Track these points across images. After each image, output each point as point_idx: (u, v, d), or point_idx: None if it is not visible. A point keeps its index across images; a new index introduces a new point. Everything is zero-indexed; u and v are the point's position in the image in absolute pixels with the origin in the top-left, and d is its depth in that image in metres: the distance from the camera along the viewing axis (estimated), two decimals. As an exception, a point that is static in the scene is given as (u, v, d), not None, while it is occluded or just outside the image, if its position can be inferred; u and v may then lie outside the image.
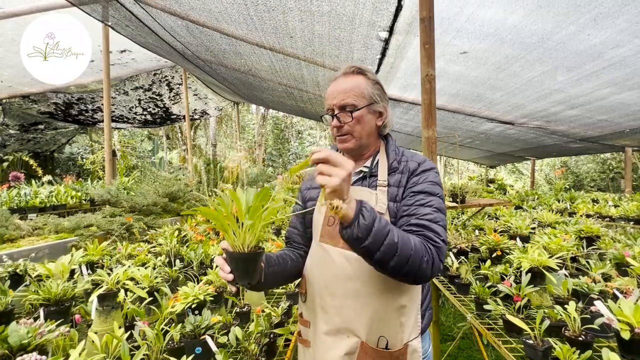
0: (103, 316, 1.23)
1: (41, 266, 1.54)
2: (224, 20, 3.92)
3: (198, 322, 1.14)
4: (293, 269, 1.12)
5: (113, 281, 1.33)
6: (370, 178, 1.08)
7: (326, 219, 1.08)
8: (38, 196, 4.84)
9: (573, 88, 3.73)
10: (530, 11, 2.56)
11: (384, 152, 1.12)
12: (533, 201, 4.99)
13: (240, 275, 0.83)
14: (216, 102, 9.44)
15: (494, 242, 1.92)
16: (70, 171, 9.93)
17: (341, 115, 1.07)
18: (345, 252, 1.01)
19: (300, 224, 1.22)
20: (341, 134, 1.09)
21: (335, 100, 1.08)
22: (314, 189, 1.18)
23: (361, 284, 0.98)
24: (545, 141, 6.03)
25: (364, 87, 1.08)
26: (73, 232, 3.51)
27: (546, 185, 10.71)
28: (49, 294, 1.30)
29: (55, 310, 1.30)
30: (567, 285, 1.34)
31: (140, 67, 6.94)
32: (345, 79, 1.10)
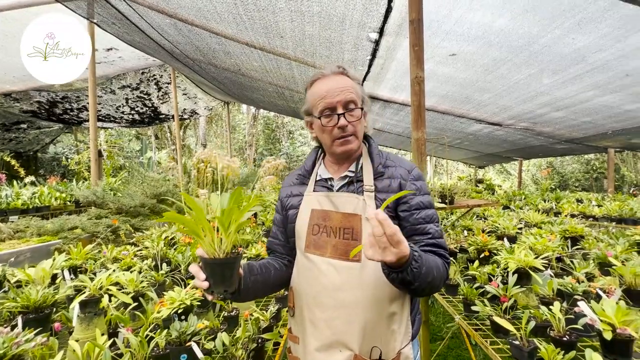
0: (85, 323, 1.19)
1: (20, 271, 1.49)
2: (214, 19, 3.87)
3: (184, 328, 1.12)
4: (277, 278, 1.08)
5: (96, 287, 1.29)
6: (357, 183, 1.03)
7: (310, 228, 1.04)
8: (20, 198, 4.71)
9: (558, 90, 3.81)
10: (516, 15, 2.60)
11: (367, 155, 1.08)
12: (520, 201, 5.09)
13: (216, 282, 0.79)
14: (206, 102, 9.33)
15: (482, 243, 1.95)
16: (55, 172, 9.68)
17: (348, 114, 1.00)
18: (333, 262, 0.98)
19: (281, 233, 1.17)
20: (346, 134, 1.01)
21: (338, 97, 0.99)
22: (294, 196, 1.12)
23: (351, 293, 0.95)
24: (531, 142, 6.15)
25: (357, 87, 1.04)
26: (56, 234, 3.42)
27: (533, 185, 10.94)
28: (27, 301, 1.25)
29: (35, 318, 1.25)
30: (552, 285, 1.36)
31: (127, 66, 6.80)
32: (337, 77, 1.03)
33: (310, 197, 1.08)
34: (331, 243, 0.99)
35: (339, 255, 0.98)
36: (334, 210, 1.02)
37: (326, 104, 1.01)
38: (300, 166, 1.18)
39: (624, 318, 1.03)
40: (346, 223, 0.99)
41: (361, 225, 0.98)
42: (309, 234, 1.03)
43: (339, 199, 1.02)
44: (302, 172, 1.14)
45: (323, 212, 1.03)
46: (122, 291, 1.46)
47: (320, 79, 1.05)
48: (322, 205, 1.04)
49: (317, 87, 1.04)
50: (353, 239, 0.97)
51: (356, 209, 0.99)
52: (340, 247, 0.98)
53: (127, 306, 1.41)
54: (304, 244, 1.04)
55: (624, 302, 1.13)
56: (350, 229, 0.98)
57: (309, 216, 1.05)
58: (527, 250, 1.55)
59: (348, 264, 0.96)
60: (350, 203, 1.01)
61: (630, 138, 5.23)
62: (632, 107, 3.89)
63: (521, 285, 1.47)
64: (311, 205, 1.06)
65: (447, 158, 9.79)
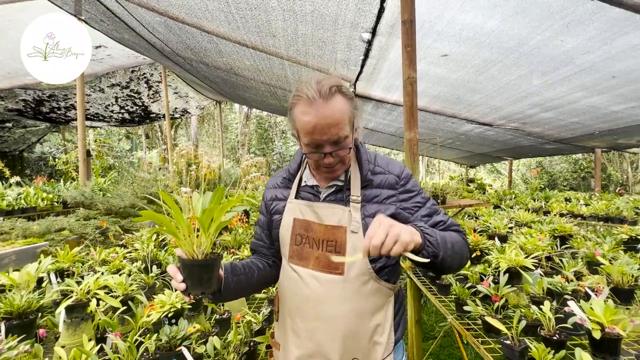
0: (72, 329, 1.16)
1: (4, 275, 1.45)
2: (205, 18, 3.83)
3: (174, 332, 1.09)
4: (260, 278, 1.07)
5: (83, 291, 1.26)
6: (345, 192, 1.01)
7: (293, 238, 1.02)
8: (5, 199, 4.58)
9: (547, 91, 3.87)
10: (507, 17, 2.63)
11: (355, 162, 1.03)
12: (510, 200, 5.16)
13: (194, 284, 0.78)
14: (197, 101, 9.23)
15: (474, 243, 1.96)
16: (42, 172, 9.46)
17: (336, 152, 0.93)
18: (316, 274, 0.97)
19: (266, 236, 1.13)
20: (333, 166, 0.97)
21: (327, 136, 0.90)
22: (279, 200, 1.09)
23: (333, 306, 0.95)
24: (521, 142, 6.24)
25: (347, 111, 0.93)
26: (43, 236, 3.34)
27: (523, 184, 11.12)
28: (11, 307, 1.21)
29: (19, 324, 1.20)
30: (542, 284, 1.38)
31: (116, 64, 6.68)
32: (328, 104, 0.89)
33: (292, 204, 1.05)
34: (314, 255, 0.98)
35: (322, 268, 0.97)
36: (317, 222, 0.99)
37: (312, 141, 0.92)
38: (285, 167, 1.14)
39: (613, 317, 1.05)
40: (330, 235, 0.97)
41: (346, 237, 0.96)
42: (291, 244, 1.02)
43: (324, 211, 1.00)
44: (286, 176, 1.10)
45: (305, 223, 1.01)
46: (111, 295, 1.43)
47: (306, 105, 0.90)
48: (305, 215, 1.01)
49: (303, 116, 0.91)
50: (337, 251, 0.96)
51: (341, 221, 0.97)
52: (323, 259, 0.97)
53: (115, 310, 1.38)
54: (287, 254, 1.03)
55: (612, 301, 1.15)
56: (334, 241, 0.97)
57: (291, 225, 1.03)
58: (517, 250, 1.57)
59: (330, 277, 0.96)
60: (335, 215, 0.98)
61: (617, 138, 5.35)
62: (618, 108, 3.97)
63: (512, 284, 1.49)
64: (293, 214, 1.03)
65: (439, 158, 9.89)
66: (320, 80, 0.91)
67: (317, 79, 0.92)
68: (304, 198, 1.05)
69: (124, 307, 1.35)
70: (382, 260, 1.00)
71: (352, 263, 0.96)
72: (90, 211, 4.08)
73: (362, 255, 0.77)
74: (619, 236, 2.26)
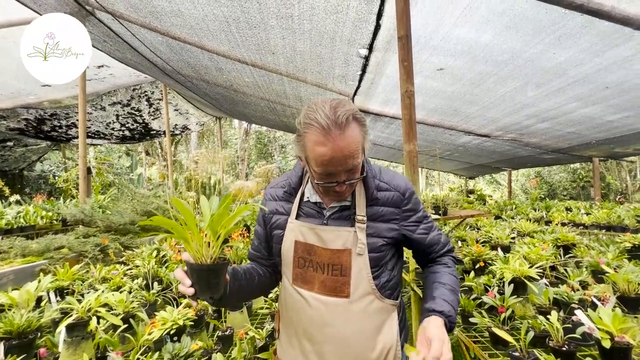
0: (72, 348, 1.14)
1: (4, 295, 1.43)
2: (206, 37, 3.93)
3: (176, 350, 1.07)
4: (261, 284, 1.06)
5: (84, 309, 1.24)
6: (350, 210, 0.99)
7: (296, 261, 1.00)
8: (4, 217, 4.56)
9: (542, 102, 3.94)
10: (499, 31, 2.71)
11: (361, 181, 1.01)
12: (511, 211, 5.15)
13: (202, 288, 0.78)
14: (197, 117, 9.34)
15: (477, 254, 1.95)
16: (41, 190, 9.44)
17: (350, 181, 0.91)
18: (321, 297, 0.96)
19: (264, 249, 1.11)
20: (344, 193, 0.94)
21: (341, 168, 0.88)
22: (281, 214, 1.05)
23: (341, 329, 0.95)
24: (519, 153, 6.29)
25: (361, 138, 0.89)
26: (42, 255, 3.30)
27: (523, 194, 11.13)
28: (10, 326, 1.19)
29: (18, 344, 1.18)
30: (548, 294, 1.36)
31: (118, 83, 6.80)
32: (345, 136, 0.85)
33: (293, 225, 1.02)
34: (319, 279, 0.97)
35: (328, 292, 0.96)
36: (320, 246, 0.98)
37: (328, 171, 0.89)
38: (284, 178, 1.10)
39: (622, 326, 1.03)
40: (335, 259, 0.96)
41: (351, 261, 0.96)
42: (295, 266, 1.00)
43: (328, 234, 0.97)
44: (287, 189, 1.06)
45: (307, 246, 0.99)
46: (111, 312, 1.41)
47: (321, 135, 0.84)
48: (307, 239, 0.99)
49: (317, 147, 0.85)
50: (342, 274, 0.96)
51: (346, 244, 0.96)
52: (329, 283, 0.96)
53: (117, 328, 1.36)
54: (291, 276, 1.01)
55: (619, 310, 1.14)
56: (339, 265, 0.96)
57: (293, 248, 1.01)
58: (521, 260, 1.56)
59: (336, 300, 0.95)
60: (340, 238, 0.97)
61: (613, 147, 5.40)
62: (613, 117, 4.03)
63: (517, 295, 1.47)
64: (294, 236, 1.01)
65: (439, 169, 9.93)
66: (335, 107, 0.85)
67: (332, 104, 0.86)
68: (308, 215, 1.02)
69: (125, 324, 1.33)
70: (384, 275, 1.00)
71: (357, 284, 0.96)
72: (89, 228, 4.06)
73: None
74: (622, 244, 2.25)
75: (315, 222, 1.00)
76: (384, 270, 1.01)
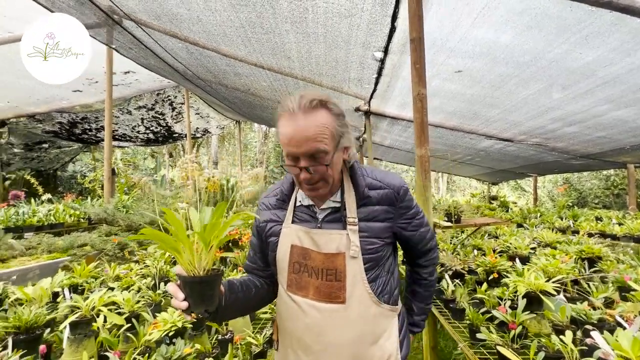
0: (74, 345, 1.17)
1: (20, 290, 1.50)
2: (223, 42, 4.02)
3: (170, 352, 1.08)
4: (258, 297, 1.03)
5: (88, 307, 1.28)
6: (342, 211, 0.97)
7: (291, 266, 0.98)
8: (36, 215, 4.84)
9: (569, 105, 3.73)
10: (520, 31, 2.59)
11: (349, 182, 0.99)
12: (536, 219, 4.90)
13: (196, 302, 0.75)
14: (218, 121, 9.57)
15: (491, 264, 1.85)
16: (73, 189, 9.98)
17: (313, 167, 0.89)
18: (316, 304, 0.93)
19: (260, 259, 1.09)
20: (313, 183, 0.92)
21: (301, 149, 0.88)
22: (275, 222, 1.03)
23: (336, 335, 0.91)
24: (545, 158, 5.99)
25: (331, 126, 0.89)
26: (66, 251, 3.47)
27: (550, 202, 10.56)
28: (19, 321, 1.25)
29: (25, 338, 1.23)
30: (565, 311, 1.27)
31: (143, 87, 7.10)
32: (307, 117, 0.87)
33: (289, 230, 1.00)
34: (314, 284, 0.94)
35: (322, 298, 0.93)
36: (315, 250, 0.96)
37: (289, 152, 0.90)
38: (277, 186, 1.09)
39: (645, 351, 0.93)
40: (329, 264, 0.94)
41: (345, 264, 0.93)
42: (290, 272, 0.98)
43: (322, 237, 0.96)
44: (280, 197, 1.06)
45: (303, 250, 0.97)
46: (118, 311, 1.45)
47: (286, 117, 0.89)
48: (302, 242, 0.97)
49: (282, 128, 0.90)
50: (337, 280, 0.93)
51: (339, 247, 0.94)
52: (323, 289, 0.93)
53: (122, 327, 1.39)
54: (285, 283, 0.99)
55: (645, 332, 1.04)
56: (334, 269, 0.93)
57: (288, 253, 0.99)
58: (537, 273, 1.46)
59: (331, 306, 0.93)
60: (333, 241, 0.95)
61: (651, 153, 5.02)
62: (649, 121, 3.75)
63: (532, 310, 1.38)
64: (290, 240, 0.99)
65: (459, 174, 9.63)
66: (303, 94, 0.89)
67: (302, 93, 0.90)
68: (302, 220, 1.00)
69: (128, 324, 1.35)
70: (381, 278, 0.97)
71: (353, 289, 0.93)
72: (112, 227, 4.23)
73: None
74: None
75: (309, 226, 0.99)
76: (380, 273, 0.97)
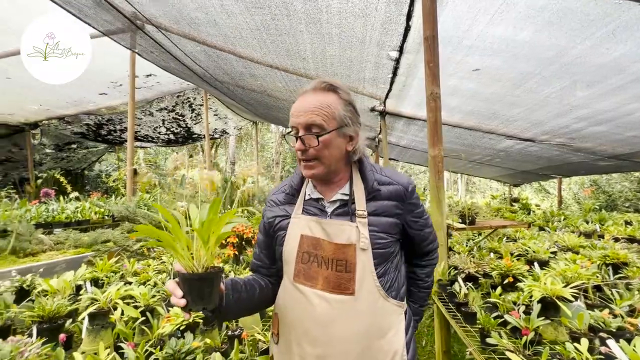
0: (92, 336, 1.23)
1: (45, 282, 1.59)
2: (240, 45, 4.10)
3: (179, 346, 1.12)
4: (263, 296, 1.03)
5: (106, 299, 1.35)
6: (351, 205, 0.98)
7: (300, 256, 0.97)
8: (64, 212, 5.09)
9: (597, 103, 3.55)
10: (540, 27, 2.50)
11: (358, 175, 1.01)
12: (559, 222, 4.69)
13: (195, 299, 0.75)
14: (235, 122, 9.75)
15: (506, 267, 1.80)
16: (99, 188, 10.45)
17: (306, 138, 0.93)
18: (326, 295, 0.92)
19: (266, 257, 1.09)
20: (307, 159, 0.95)
21: (300, 119, 0.93)
22: (283, 217, 1.04)
23: (344, 327, 0.91)
24: (570, 159, 5.73)
25: (334, 107, 0.94)
26: (91, 247, 3.64)
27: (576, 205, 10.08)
28: (42, 311, 1.33)
29: (48, 327, 1.31)
30: (582, 318, 1.21)
31: (164, 90, 7.33)
32: (315, 95, 0.95)
33: (299, 219, 1.01)
34: (323, 274, 0.94)
35: (331, 289, 0.93)
36: (326, 240, 0.96)
37: (291, 123, 0.97)
38: (285, 182, 1.10)
39: (666, 363, 0.88)
40: (339, 254, 0.94)
41: (355, 256, 0.93)
42: (297, 261, 0.98)
43: (332, 228, 0.96)
44: (289, 191, 1.06)
45: (314, 240, 0.97)
46: (134, 304, 1.50)
47: (300, 95, 0.99)
48: (314, 232, 0.97)
49: (294, 103, 0.99)
50: (346, 271, 0.93)
51: (350, 238, 0.94)
52: (333, 279, 0.93)
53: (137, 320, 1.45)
54: (292, 272, 0.98)
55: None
56: (344, 260, 0.94)
57: (297, 242, 0.98)
58: (554, 278, 1.41)
59: (341, 297, 0.92)
60: (343, 232, 0.95)
61: (688, 154, 4.70)
62: (685, 119, 3.52)
63: (548, 317, 1.32)
64: (301, 230, 0.99)
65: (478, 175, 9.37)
66: (321, 79, 0.99)
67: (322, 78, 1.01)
68: (310, 213, 1.01)
69: (142, 317, 1.41)
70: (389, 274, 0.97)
71: (362, 281, 0.93)
72: (134, 224, 4.40)
73: None
74: (689, 266, 1.94)
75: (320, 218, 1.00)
76: (388, 269, 0.98)
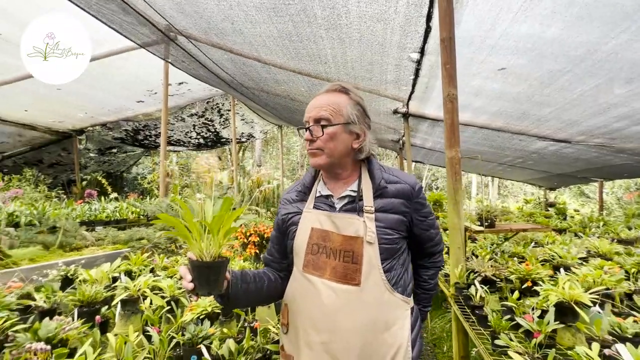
0: (124, 320, 1.37)
1: (86, 272, 1.78)
2: (263, 52, 4.26)
3: (197, 331, 1.22)
4: (271, 289, 1.09)
5: (135, 289, 1.48)
6: (358, 202, 1.03)
7: (309, 247, 1.03)
8: (105, 211, 5.51)
9: (637, 101, 3.32)
10: (569, 23, 2.40)
11: (366, 173, 1.07)
12: (597, 228, 4.40)
13: (201, 284, 0.84)
14: (261, 126, 10.04)
15: (525, 272, 1.75)
16: (136, 189, 11.14)
17: (313, 129, 1.04)
18: (332, 284, 0.97)
19: (277, 251, 1.16)
20: (312, 148, 1.05)
21: (311, 114, 1.05)
22: (295, 214, 1.11)
23: (350, 317, 0.94)
24: (611, 160, 5.35)
25: (343, 105, 1.04)
26: (127, 243, 3.93)
27: (620, 210, 9.31)
28: (82, 297, 1.49)
29: (87, 311, 1.47)
30: (600, 324, 1.17)
31: (195, 96, 7.73)
32: (327, 95, 1.07)
33: (310, 214, 1.07)
34: (331, 265, 0.98)
35: (338, 279, 0.97)
36: (335, 232, 1.01)
37: (304, 119, 1.08)
38: (299, 181, 1.17)
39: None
40: (347, 246, 0.98)
41: (362, 249, 0.97)
42: (307, 252, 1.03)
43: (341, 221, 1.02)
44: (301, 189, 1.13)
45: (324, 232, 1.02)
46: (161, 295, 1.64)
47: (316, 95, 1.10)
48: (323, 225, 1.03)
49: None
50: (353, 262, 0.97)
51: (358, 232, 0.99)
52: (340, 269, 0.97)
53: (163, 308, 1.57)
54: (302, 263, 1.04)
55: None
56: (351, 252, 0.98)
57: (308, 234, 1.04)
58: (573, 282, 1.36)
59: (347, 287, 0.96)
60: (351, 225, 1.00)
61: None
62: None
63: (566, 322, 1.28)
64: (311, 223, 1.05)
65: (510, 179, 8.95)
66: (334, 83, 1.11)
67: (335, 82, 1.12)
68: (321, 209, 1.07)
69: (168, 307, 1.53)
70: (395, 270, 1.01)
71: (369, 273, 0.97)
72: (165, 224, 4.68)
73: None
74: None
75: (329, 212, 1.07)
76: (394, 265, 1.01)
